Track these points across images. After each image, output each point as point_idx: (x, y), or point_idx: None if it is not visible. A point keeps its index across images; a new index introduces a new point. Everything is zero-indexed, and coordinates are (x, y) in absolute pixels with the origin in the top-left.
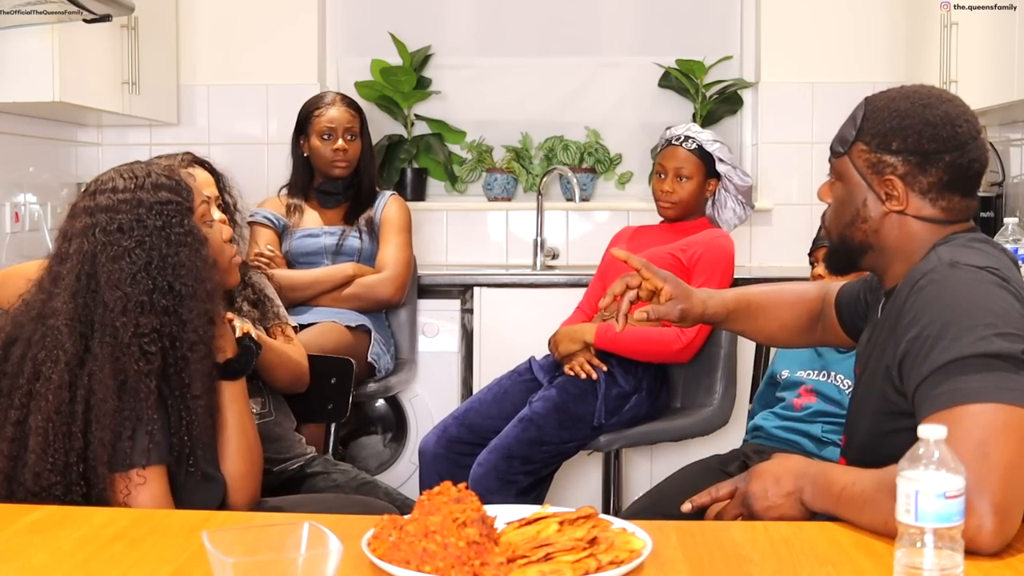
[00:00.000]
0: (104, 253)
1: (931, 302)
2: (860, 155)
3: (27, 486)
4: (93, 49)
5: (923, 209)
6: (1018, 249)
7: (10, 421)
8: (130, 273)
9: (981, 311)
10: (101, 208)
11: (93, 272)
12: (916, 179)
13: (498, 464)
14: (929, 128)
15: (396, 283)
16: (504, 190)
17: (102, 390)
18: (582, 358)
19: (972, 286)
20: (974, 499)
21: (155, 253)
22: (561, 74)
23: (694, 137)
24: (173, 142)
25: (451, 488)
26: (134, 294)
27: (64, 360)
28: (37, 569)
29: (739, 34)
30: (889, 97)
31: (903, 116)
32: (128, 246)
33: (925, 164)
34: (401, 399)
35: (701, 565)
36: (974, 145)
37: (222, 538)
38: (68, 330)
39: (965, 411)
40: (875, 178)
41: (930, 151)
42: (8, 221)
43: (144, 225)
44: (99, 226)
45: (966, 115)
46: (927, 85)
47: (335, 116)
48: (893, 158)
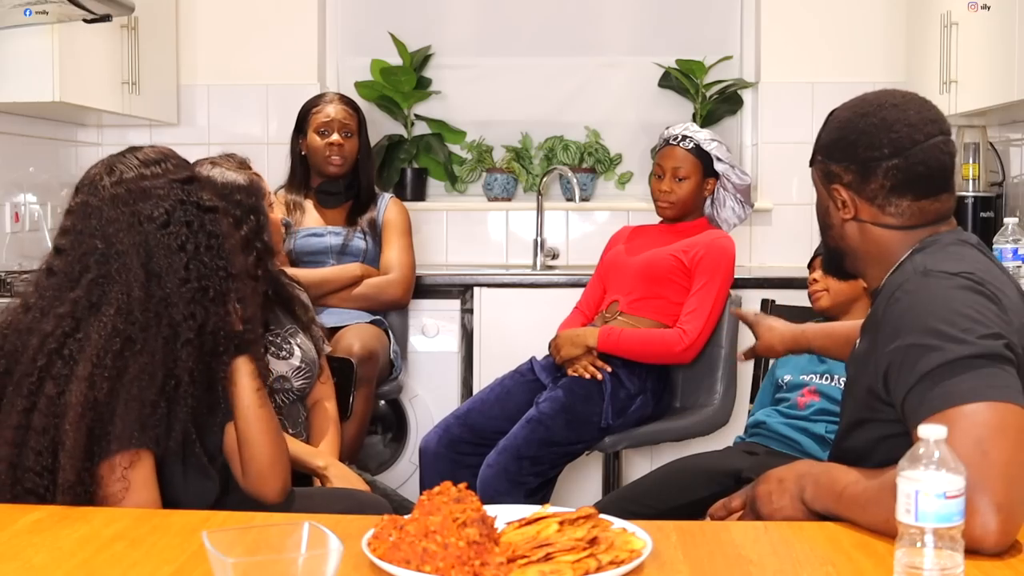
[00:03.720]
0: (158, 244)
1: (907, 312)
2: (818, 166)
3: (31, 467)
4: (93, 49)
5: (878, 216)
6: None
7: (17, 409)
8: (184, 262)
9: (958, 316)
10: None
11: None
12: (861, 187)
13: (508, 465)
14: (864, 137)
15: (404, 285)
16: (504, 190)
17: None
18: (585, 361)
19: (946, 293)
20: (976, 499)
21: (201, 235)
22: (561, 74)
23: (692, 136)
24: (173, 142)
25: (451, 488)
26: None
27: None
28: (37, 569)
29: (739, 34)
30: (844, 107)
31: (842, 127)
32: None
33: (865, 172)
34: (401, 399)
35: (701, 565)
36: (918, 149)
37: (222, 538)
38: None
39: (959, 412)
40: (828, 187)
41: (867, 159)
42: (8, 221)
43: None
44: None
45: (907, 119)
46: (887, 90)
47: (332, 112)
48: (838, 167)
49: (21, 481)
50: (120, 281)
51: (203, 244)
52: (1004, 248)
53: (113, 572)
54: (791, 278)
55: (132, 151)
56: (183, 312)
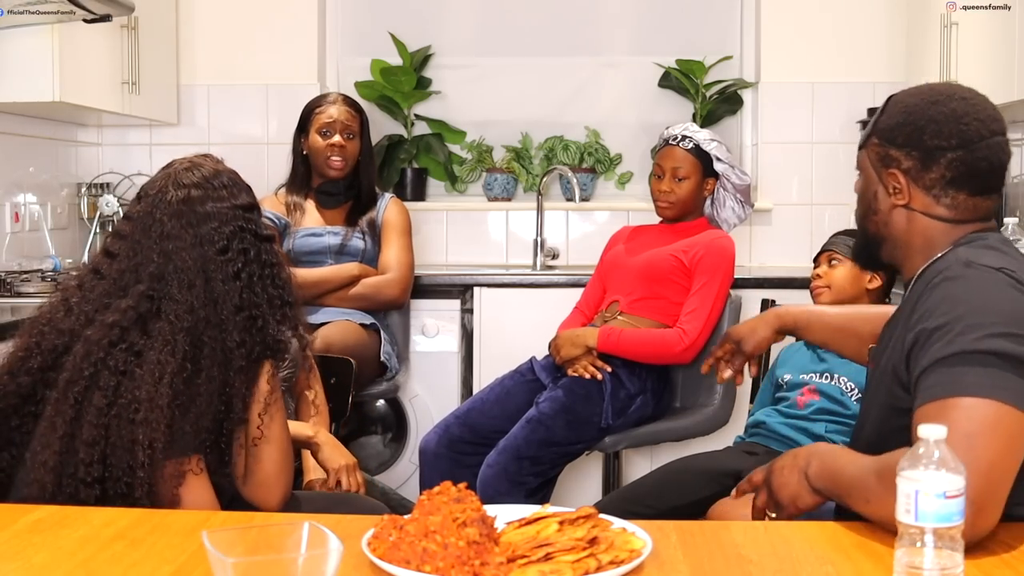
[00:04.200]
0: (217, 270)
1: (943, 299)
2: (873, 149)
3: (79, 476)
4: (93, 49)
5: (930, 206)
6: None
7: (63, 417)
8: (239, 289)
9: (990, 310)
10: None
11: (206, 290)
12: (920, 174)
13: (508, 465)
14: (932, 124)
15: (401, 285)
16: (504, 190)
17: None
18: (585, 361)
19: (985, 285)
20: None
21: (256, 266)
22: (561, 74)
23: (691, 136)
24: (173, 142)
25: (451, 488)
26: (243, 313)
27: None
28: (37, 569)
29: (739, 34)
30: (908, 93)
31: (910, 112)
32: (235, 259)
33: (928, 160)
34: (401, 399)
35: (701, 565)
36: (983, 144)
37: (222, 538)
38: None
39: (958, 403)
40: (883, 171)
41: (932, 147)
42: (8, 221)
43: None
44: (205, 239)
45: (977, 114)
46: (954, 84)
47: (334, 113)
48: (898, 152)
49: (65, 489)
50: (180, 300)
51: (256, 274)
52: None
53: (113, 572)
54: (791, 278)
55: (198, 167)
56: (236, 339)
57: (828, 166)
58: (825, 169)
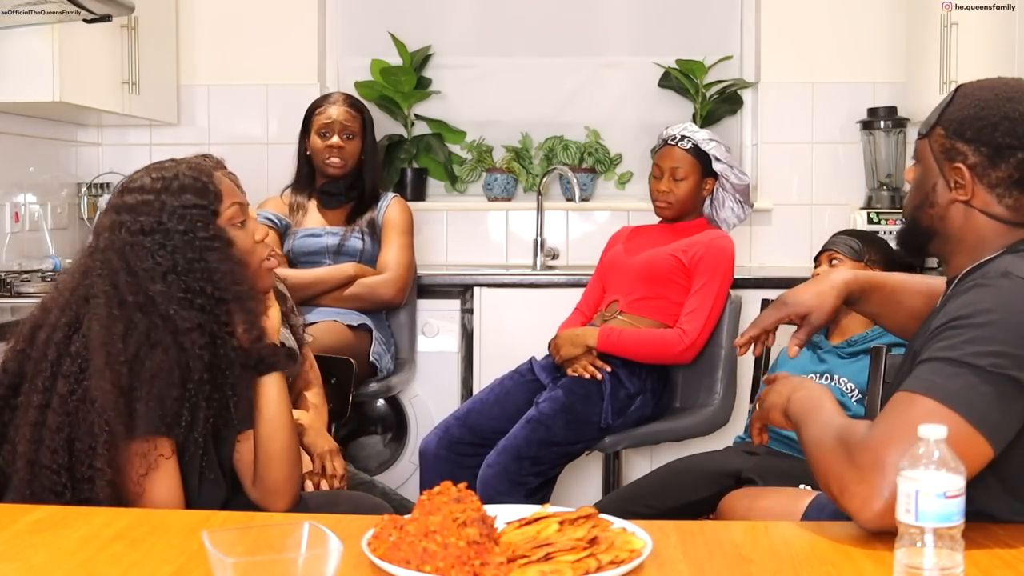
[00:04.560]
0: (132, 252)
1: (968, 303)
2: (937, 139)
3: (46, 464)
4: (93, 49)
5: (990, 204)
6: None
7: (33, 405)
8: (160, 273)
9: (1008, 326)
10: (127, 207)
11: (126, 267)
12: (986, 171)
13: (508, 465)
14: (1006, 122)
15: (397, 285)
16: (504, 190)
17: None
18: (585, 361)
19: (1013, 299)
20: (875, 476)
21: (179, 257)
22: (561, 74)
23: (690, 136)
24: (173, 142)
25: (451, 488)
26: (172, 292)
27: (102, 340)
28: (37, 569)
29: (739, 34)
30: (979, 86)
31: (983, 107)
32: (151, 247)
33: (996, 158)
34: (401, 399)
35: (701, 565)
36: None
37: (222, 538)
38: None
39: (924, 401)
40: (946, 164)
41: (1003, 145)
42: (8, 221)
43: (165, 229)
44: (124, 225)
45: None
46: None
47: (333, 114)
48: (965, 147)
49: (39, 478)
50: (104, 274)
51: (181, 266)
52: None
53: (113, 572)
54: (791, 278)
55: (155, 168)
56: (179, 313)
57: (828, 166)
58: (825, 169)
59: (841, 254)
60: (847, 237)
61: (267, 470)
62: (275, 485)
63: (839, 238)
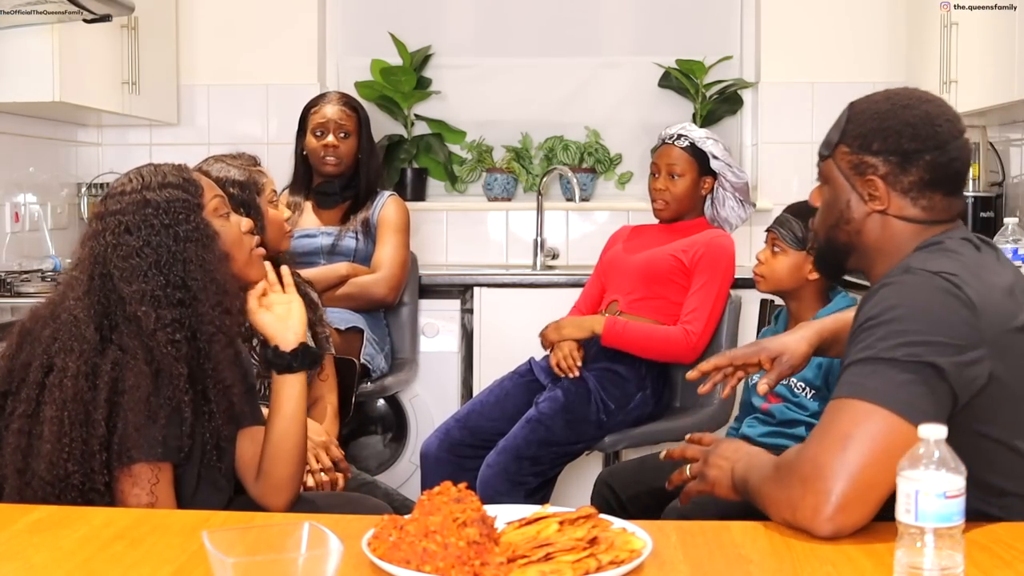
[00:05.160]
0: (115, 254)
1: (875, 303)
2: (843, 157)
3: (41, 475)
4: (93, 49)
5: (905, 209)
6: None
7: (19, 415)
8: (141, 270)
9: (915, 317)
10: (110, 213)
11: (106, 272)
12: (897, 179)
13: (508, 466)
14: (909, 128)
15: (390, 283)
16: (504, 190)
17: (133, 376)
18: (567, 349)
19: (916, 291)
20: (817, 483)
21: (163, 250)
22: (561, 74)
23: (687, 135)
24: (173, 142)
25: (451, 488)
26: (149, 289)
27: (80, 350)
28: (37, 569)
29: (739, 34)
30: (872, 100)
31: (883, 117)
32: (136, 245)
33: (905, 163)
34: (401, 399)
35: (701, 565)
36: (955, 144)
37: (222, 538)
38: (86, 321)
39: (850, 404)
40: (857, 179)
41: (910, 150)
42: (8, 221)
43: (150, 224)
44: (108, 230)
45: (946, 115)
46: (911, 88)
47: (328, 113)
48: (874, 159)
49: (30, 485)
50: (75, 286)
51: (164, 259)
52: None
53: (113, 572)
54: None
55: (156, 165)
56: (143, 310)
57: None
58: None
59: (784, 242)
60: (793, 220)
61: (275, 466)
62: (280, 481)
63: (786, 218)
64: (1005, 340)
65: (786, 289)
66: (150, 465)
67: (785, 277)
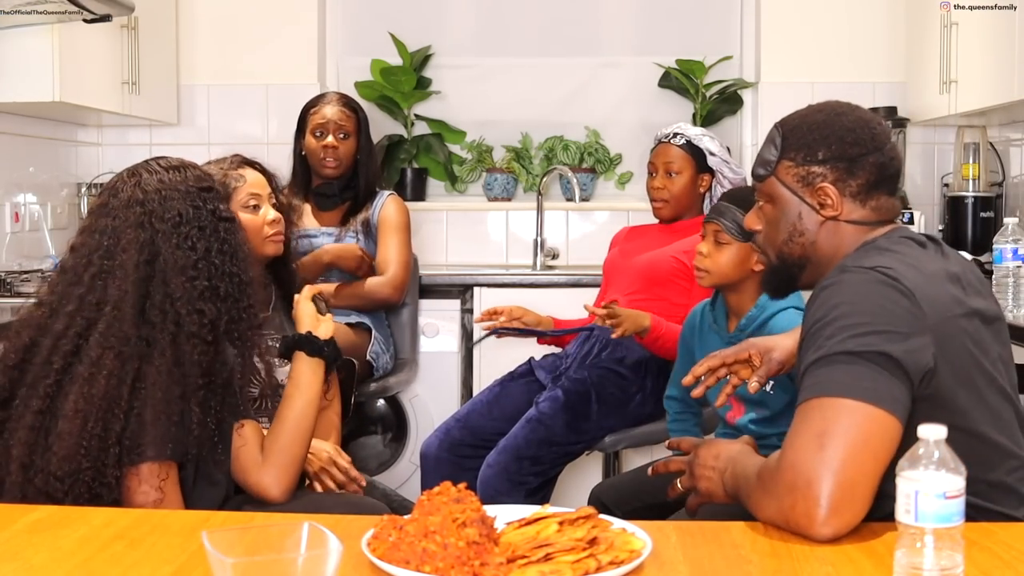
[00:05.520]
0: (167, 242)
1: (819, 307)
2: (788, 172)
3: (51, 471)
4: (93, 49)
5: (854, 212)
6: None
7: (32, 410)
8: (191, 262)
9: (858, 311)
10: (151, 198)
11: (152, 259)
12: (846, 183)
13: (508, 465)
14: (850, 133)
15: (396, 284)
16: (504, 190)
17: (155, 374)
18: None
19: (854, 287)
20: (805, 489)
21: (214, 240)
22: (561, 74)
23: (682, 133)
24: (173, 142)
25: (451, 488)
26: (200, 282)
27: (118, 349)
28: (37, 569)
29: (739, 34)
30: (802, 115)
31: (822, 127)
32: (190, 233)
33: (852, 167)
34: (401, 399)
35: (701, 565)
36: (890, 145)
37: (222, 538)
38: (131, 317)
39: (819, 403)
40: (807, 190)
41: (855, 155)
42: (8, 221)
43: (201, 213)
44: (155, 215)
45: (877, 119)
46: (832, 100)
47: (327, 113)
48: (821, 167)
49: (33, 482)
50: (119, 276)
51: (215, 248)
52: (1004, 248)
53: (113, 572)
54: None
55: (157, 158)
56: (187, 307)
57: None
58: None
59: (728, 233)
60: (735, 209)
61: (289, 446)
62: (288, 463)
63: (726, 207)
64: (950, 326)
65: (731, 283)
66: (159, 464)
67: (731, 271)
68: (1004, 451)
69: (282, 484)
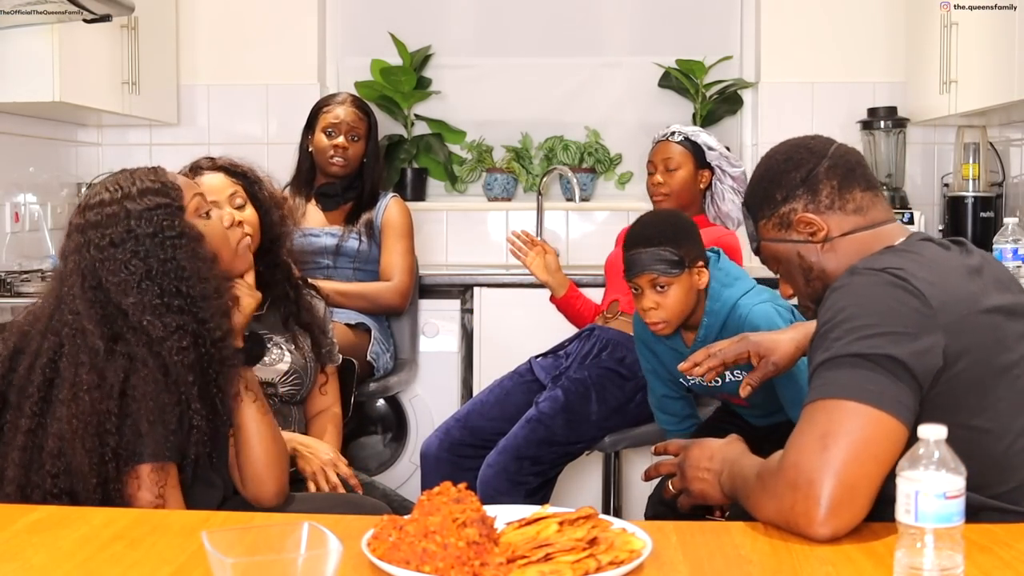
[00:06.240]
0: (104, 268)
1: (827, 309)
2: (768, 229)
3: (47, 488)
4: (93, 49)
5: (842, 222)
6: (1018, 249)
7: (21, 430)
8: (134, 282)
9: (867, 312)
10: (91, 224)
11: (98, 285)
12: (816, 201)
13: (508, 465)
14: (787, 162)
15: (402, 291)
16: (504, 190)
17: (143, 384)
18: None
19: (864, 288)
20: (806, 488)
21: (152, 260)
22: (561, 74)
23: (680, 131)
24: (173, 142)
25: (451, 488)
26: (147, 300)
27: (90, 363)
28: (37, 569)
29: (739, 34)
30: (750, 182)
31: (765, 175)
32: (124, 258)
33: (811, 185)
34: (401, 399)
35: (701, 565)
36: (835, 147)
37: (222, 538)
38: (92, 332)
39: (823, 405)
40: (790, 231)
41: (805, 174)
42: (8, 221)
43: (135, 235)
44: (92, 243)
45: (809, 137)
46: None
47: (341, 114)
48: (787, 205)
49: (31, 500)
50: (69, 300)
51: (155, 268)
52: (1004, 248)
53: (113, 572)
54: None
55: (132, 170)
56: (148, 319)
57: None
58: None
59: (665, 275)
60: (656, 251)
61: (245, 459)
62: (257, 472)
63: (639, 255)
64: (968, 323)
65: (691, 311)
66: (157, 466)
67: (687, 303)
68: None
69: (264, 493)
